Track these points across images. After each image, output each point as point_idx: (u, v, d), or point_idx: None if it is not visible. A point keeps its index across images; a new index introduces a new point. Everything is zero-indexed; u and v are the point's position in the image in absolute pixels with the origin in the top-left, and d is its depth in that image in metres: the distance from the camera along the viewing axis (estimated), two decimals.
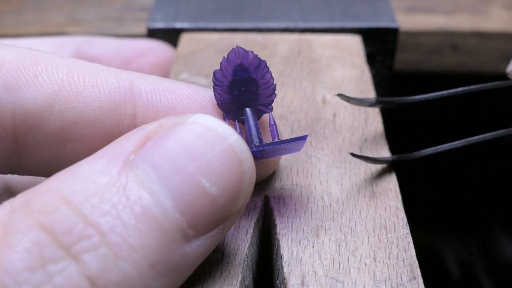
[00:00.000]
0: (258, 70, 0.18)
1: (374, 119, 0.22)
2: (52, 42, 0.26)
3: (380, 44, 0.28)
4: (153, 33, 0.29)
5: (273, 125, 0.19)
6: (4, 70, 0.17)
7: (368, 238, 0.18)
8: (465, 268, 0.40)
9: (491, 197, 0.42)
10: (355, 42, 0.27)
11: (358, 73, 0.25)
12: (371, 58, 0.29)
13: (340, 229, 0.18)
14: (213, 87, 0.18)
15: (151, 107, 0.18)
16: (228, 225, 0.16)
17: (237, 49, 0.18)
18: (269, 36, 0.27)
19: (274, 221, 0.19)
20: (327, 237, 0.18)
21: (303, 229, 0.18)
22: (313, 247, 0.17)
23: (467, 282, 0.40)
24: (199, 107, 0.18)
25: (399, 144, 0.25)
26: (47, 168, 0.18)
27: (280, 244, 0.18)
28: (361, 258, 0.17)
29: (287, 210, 0.19)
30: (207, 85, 0.24)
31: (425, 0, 0.35)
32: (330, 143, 0.21)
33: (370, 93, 0.24)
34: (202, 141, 0.15)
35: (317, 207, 0.19)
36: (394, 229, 0.18)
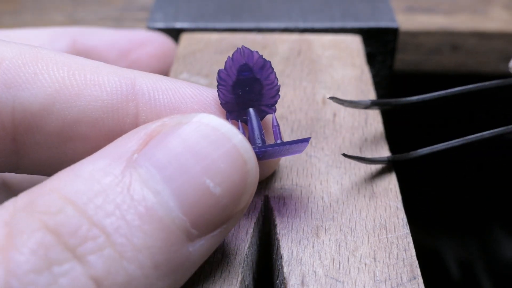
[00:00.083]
0: (262, 70, 0.18)
1: (374, 119, 0.22)
2: (47, 33, 0.25)
3: (380, 44, 0.28)
4: None
5: (276, 126, 0.19)
6: (3, 67, 0.16)
7: (368, 238, 0.18)
8: (465, 268, 0.40)
9: (491, 197, 0.42)
10: (355, 42, 0.27)
11: (358, 73, 0.25)
12: (371, 58, 0.29)
13: (340, 229, 0.18)
14: (217, 87, 0.18)
15: (154, 107, 0.17)
16: (231, 224, 0.15)
17: (242, 49, 0.18)
18: (269, 36, 0.27)
19: (274, 221, 0.19)
20: (327, 237, 0.18)
21: (303, 229, 0.18)
22: (313, 247, 0.17)
23: (467, 282, 0.40)
24: (202, 107, 0.18)
25: (399, 144, 0.25)
26: (46, 167, 0.17)
27: (280, 244, 0.18)
28: (361, 258, 0.17)
29: (287, 210, 0.19)
30: (207, 85, 0.24)
31: (425, 0, 0.35)
32: (330, 143, 0.21)
33: (370, 93, 0.24)
34: (206, 141, 0.15)
35: (317, 207, 0.19)
36: (394, 229, 0.18)
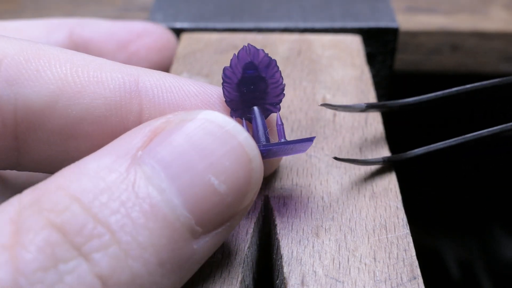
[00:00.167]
0: (268, 69, 0.18)
1: (374, 119, 0.22)
2: (44, 24, 0.25)
3: (380, 44, 0.28)
4: None
5: (280, 125, 0.19)
6: (5, 64, 0.16)
7: (368, 238, 0.18)
8: (465, 268, 0.40)
9: (491, 197, 0.42)
10: (355, 42, 0.27)
11: (358, 73, 0.25)
12: (371, 58, 0.29)
13: (340, 229, 0.18)
14: (222, 84, 0.18)
15: (158, 104, 0.17)
16: (235, 222, 0.15)
17: (248, 47, 0.18)
18: (269, 36, 0.27)
19: (274, 221, 0.19)
20: (327, 237, 0.18)
21: (303, 229, 0.18)
22: (313, 247, 0.17)
23: (467, 282, 0.40)
24: (206, 105, 0.18)
25: (400, 144, 0.25)
26: (48, 165, 0.17)
27: (280, 244, 0.18)
28: (361, 258, 0.17)
29: (287, 210, 0.19)
30: None
31: (425, 0, 0.35)
32: (330, 143, 0.21)
33: (370, 93, 0.24)
34: (211, 139, 0.15)
35: (317, 207, 0.19)
36: (394, 229, 0.18)
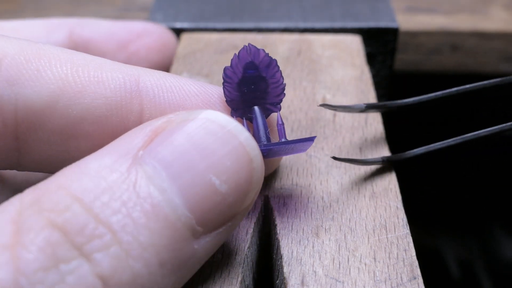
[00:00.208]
0: (268, 68, 0.18)
1: (374, 119, 0.22)
2: (43, 24, 0.25)
3: (380, 44, 0.28)
4: None
5: (281, 125, 0.19)
6: (5, 64, 0.16)
7: (368, 238, 0.18)
8: (465, 268, 0.40)
9: (491, 197, 0.42)
10: (355, 42, 0.27)
11: (358, 73, 0.25)
12: (371, 58, 0.29)
13: (340, 229, 0.18)
14: (223, 84, 0.18)
15: (158, 104, 0.17)
16: (236, 222, 0.15)
17: (248, 46, 0.18)
18: (269, 36, 0.27)
19: (274, 221, 0.19)
20: (327, 237, 0.18)
21: (303, 229, 0.18)
22: (313, 247, 0.17)
23: (467, 282, 0.40)
24: (207, 104, 0.18)
25: (400, 144, 0.25)
26: (48, 165, 0.17)
27: (280, 244, 0.18)
28: (361, 258, 0.17)
29: (287, 210, 0.19)
30: None
31: (425, 0, 0.35)
32: (330, 143, 0.21)
33: (370, 93, 0.24)
34: (212, 138, 0.15)
35: (317, 207, 0.19)
36: (394, 229, 0.18)
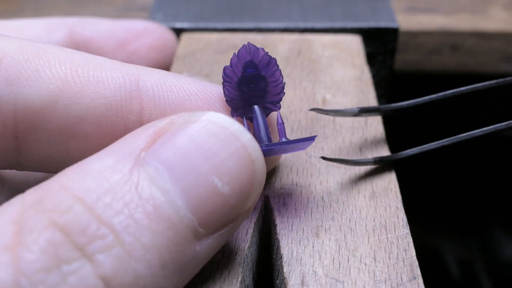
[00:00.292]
0: (268, 67, 0.18)
1: (374, 119, 0.22)
2: (44, 23, 0.25)
3: (380, 44, 0.28)
4: None
5: (281, 124, 0.19)
6: (5, 64, 0.16)
7: (368, 238, 0.18)
8: (465, 268, 0.40)
9: (491, 197, 0.42)
10: (355, 42, 0.27)
11: (358, 73, 0.25)
12: (371, 58, 0.29)
13: (340, 229, 0.18)
14: (223, 83, 0.18)
15: (158, 104, 0.17)
16: (237, 223, 0.15)
17: (248, 45, 0.18)
18: (269, 36, 0.27)
19: (274, 221, 0.19)
20: (327, 237, 0.18)
21: (303, 229, 0.18)
22: (313, 247, 0.17)
23: (467, 282, 0.40)
24: (207, 104, 0.18)
25: (400, 144, 0.25)
26: (48, 164, 0.17)
27: (280, 244, 0.18)
28: (361, 258, 0.17)
29: (287, 210, 0.19)
30: None
31: (425, 0, 0.35)
32: (330, 143, 0.21)
33: (370, 93, 0.24)
34: (215, 140, 0.15)
35: (317, 207, 0.19)
36: (394, 229, 0.18)
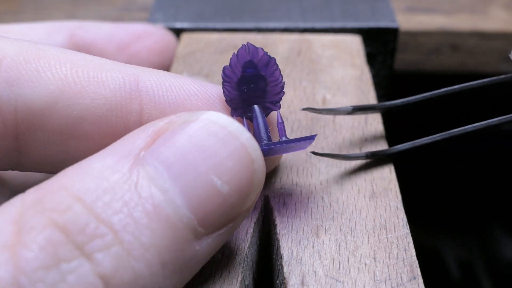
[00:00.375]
0: (267, 67, 0.18)
1: (374, 119, 0.22)
2: (45, 27, 0.25)
3: (380, 44, 0.28)
4: None
5: (281, 123, 0.19)
6: (5, 65, 0.16)
7: (368, 238, 0.18)
8: (465, 268, 0.40)
9: (491, 197, 0.42)
10: (355, 42, 0.27)
11: (358, 73, 0.25)
12: (371, 58, 0.29)
13: (340, 229, 0.18)
14: (222, 83, 0.18)
15: (158, 104, 0.17)
16: (237, 222, 0.15)
17: (247, 45, 0.18)
18: (269, 36, 0.27)
19: (274, 221, 0.19)
20: (327, 237, 0.18)
21: (303, 229, 0.18)
22: (313, 247, 0.17)
23: (467, 282, 0.40)
24: (207, 104, 0.18)
25: (399, 143, 0.25)
26: (48, 165, 0.17)
27: (280, 244, 0.18)
28: (361, 258, 0.17)
29: (287, 210, 0.19)
30: None
31: (425, 0, 0.35)
32: (330, 143, 0.21)
33: (370, 93, 0.24)
34: (214, 139, 0.15)
35: (317, 207, 0.19)
36: (394, 229, 0.18)
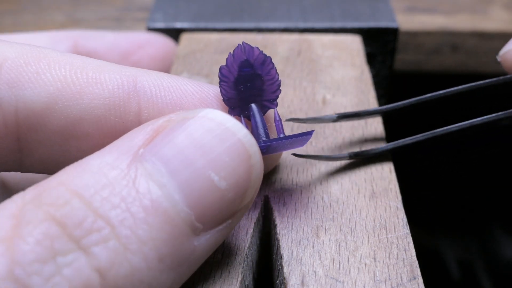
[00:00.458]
0: (263, 66, 0.18)
1: (374, 119, 0.22)
2: (49, 36, 0.25)
3: (380, 44, 0.28)
4: None
5: (278, 121, 0.19)
6: (6, 67, 0.16)
7: (368, 238, 0.18)
8: (465, 268, 0.40)
9: (491, 197, 0.42)
10: (355, 42, 0.27)
11: (358, 73, 0.25)
12: (371, 58, 0.29)
13: (340, 229, 0.18)
14: (219, 83, 0.18)
15: (156, 104, 0.18)
16: (236, 219, 0.16)
17: (243, 45, 0.18)
18: (269, 36, 0.27)
19: (274, 221, 0.19)
20: (327, 237, 0.18)
21: (303, 229, 0.18)
22: (313, 247, 0.17)
23: (467, 282, 0.40)
24: (204, 104, 0.18)
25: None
26: (49, 165, 0.17)
27: (280, 244, 0.18)
28: (361, 258, 0.17)
29: (287, 210, 0.19)
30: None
31: (425, 0, 0.35)
32: (330, 143, 0.21)
33: (370, 93, 0.24)
34: (211, 136, 0.15)
35: (317, 207, 0.19)
36: (394, 229, 0.18)
